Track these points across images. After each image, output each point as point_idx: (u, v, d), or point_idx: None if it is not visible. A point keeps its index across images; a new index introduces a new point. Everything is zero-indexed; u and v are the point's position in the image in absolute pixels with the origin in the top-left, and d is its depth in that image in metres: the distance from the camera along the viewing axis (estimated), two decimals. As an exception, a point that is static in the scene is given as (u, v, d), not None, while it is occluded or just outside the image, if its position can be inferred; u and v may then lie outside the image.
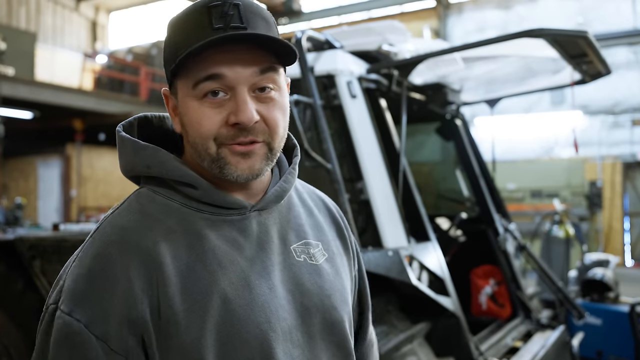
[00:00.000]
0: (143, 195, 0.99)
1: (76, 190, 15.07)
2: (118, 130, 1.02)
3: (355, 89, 2.98)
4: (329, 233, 1.14)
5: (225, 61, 0.91)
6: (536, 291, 4.40)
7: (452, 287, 2.94)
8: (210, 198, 0.97)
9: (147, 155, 0.98)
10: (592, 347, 4.53)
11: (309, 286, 1.02)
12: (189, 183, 0.96)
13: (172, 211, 0.96)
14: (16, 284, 3.67)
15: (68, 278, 0.90)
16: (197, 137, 0.94)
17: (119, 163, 1.03)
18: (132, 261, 0.89)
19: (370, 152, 2.93)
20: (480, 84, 4.00)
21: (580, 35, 2.84)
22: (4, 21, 15.95)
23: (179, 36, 0.94)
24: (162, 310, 0.87)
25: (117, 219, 0.95)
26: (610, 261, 5.64)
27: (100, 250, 0.90)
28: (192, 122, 0.94)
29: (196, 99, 0.93)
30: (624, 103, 12.40)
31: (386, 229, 2.78)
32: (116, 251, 0.89)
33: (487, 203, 4.03)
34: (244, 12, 0.92)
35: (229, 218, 0.98)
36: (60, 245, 3.58)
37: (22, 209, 11.94)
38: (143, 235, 0.92)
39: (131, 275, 0.88)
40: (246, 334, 0.91)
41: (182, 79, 0.94)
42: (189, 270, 0.91)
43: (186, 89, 0.94)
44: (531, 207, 11.27)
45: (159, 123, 1.09)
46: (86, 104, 13.15)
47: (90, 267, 0.89)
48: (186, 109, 0.95)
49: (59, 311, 0.87)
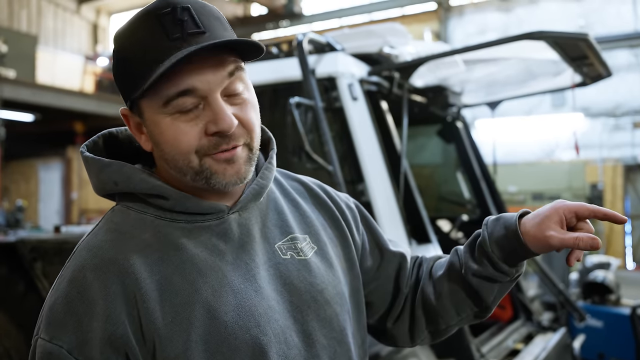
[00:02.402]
0: (117, 212, 0.97)
1: (77, 192, 15.08)
2: (82, 151, 0.99)
3: (357, 92, 2.98)
4: (317, 221, 1.11)
5: (194, 72, 0.86)
6: (537, 293, 4.39)
7: (453, 289, 2.94)
8: (183, 206, 0.94)
9: (112, 172, 0.95)
10: (593, 349, 4.52)
11: (298, 284, 0.99)
12: (158, 194, 0.93)
13: (146, 225, 0.93)
14: (17, 286, 3.67)
15: (46, 306, 0.89)
16: (176, 153, 0.90)
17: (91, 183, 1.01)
18: (107, 280, 0.86)
19: (371, 154, 2.93)
20: (481, 86, 4.00)
21: (581, 37, 2.84)
22: (5, 24, 15.97)
23: (135, 51, 0.88)
24: (144, 327, 0.85)
25: (92, 241, 0.93)
26: (611, 264, 5.63)
27: (75, 274, 0.88)
28: (167, 140, 0.90)
29: (168, 115, 0.89)
30: (625, 105, 12.40)
31: (387, 230, 2.78)
32: (91, 273, 0.87)
33: (488, 205, 4.02)
34: (197, 15, 0.88)
35: (206, 224, 0.95)
36: (61, 247, 3.59)
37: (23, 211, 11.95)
38: (117, 252, 0.89)
39: (109, 294, 0.85)
40: (235, 341, 0.88)
41: (148, 98, 0.89)
42: (167, 282, 0.88)
43: (155, 107, 0.89)
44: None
45: (126, 138, 1.05)
46: (87, 106, 13.17)
47: (66, 292, 0.87)
48: (157, 127, 0.90)
49: (40, 340, 0.85)
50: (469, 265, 1.10)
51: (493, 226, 1.08)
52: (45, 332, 0.85)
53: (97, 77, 16.33)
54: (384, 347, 2.52)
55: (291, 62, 3.06)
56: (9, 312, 3.62)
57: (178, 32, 0.86)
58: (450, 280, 1.14)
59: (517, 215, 1.07)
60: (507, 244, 1.04)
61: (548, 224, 1.00)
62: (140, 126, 0.95)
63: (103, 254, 0.89)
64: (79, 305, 0.85)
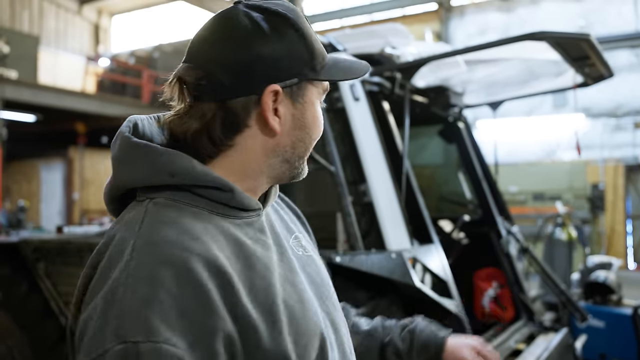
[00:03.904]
0: (164, 205, 0.88)
1: (79, 193, 15.09)
2: (127, 137, 0.92)
3: (358, 92, 2.99)
4: (300, 225, 1.18)
5: None
6: (539, 294, 4.39)
7: (455, 289, 2.95)
8: (239, 201, 0.93)
9: (169, 162, 0.89)
10: (595, 349, 4.52)
11: (315, 277, 1.04)
12: (217, 187, 0.90)
13: (204, 219, 0.89)
14: (20, 286, 3.68)
15: (129, 308, 0.76)
16: (316, 137, 1.01)
17: (120, 175, 0.93)
18: (199, 274, 0.80)
19: (373, 155, 2.93)
20: (482, 86, 4.00)
21: (583, 38, 2.85)
22: (7, 25, 16.00)
23: (314, 37, 0.97)
24: (240, 320, 0.82)
25: (153, 236, 0.83)
26: (612, 264, 5.63)
27: (158, 270, 0.79)
28: (319, 124, 1.00)
29: (318, 102, 1.00)
30: (626, 106, 12.40)
31: (389, 231, 2.78)
32: (176, 268, 0.79)
33: (490, 206, 4.03)
34: None
35: (249, 220, 0.95)
36: (64, 247, 3.59)
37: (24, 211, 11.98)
38: (199, 245, 0.83)
39: (205, 288, 0.79)
40: (308, 331, 0.91)
41: (315, 85, 0.98)
42: (245, 278, 0.86)
43: (316, 94, 0.99)
44: (534, 210, 11.25)
45: (141, 127, 0.98)
46: (89, 107, 13.19)
47: (159, 288, 0.77)
48: (315, 111, 0.99)
49: (148, 344, 0.73)
50: (393, 341, 1.39)
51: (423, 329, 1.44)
52: (146, 334, 0.74)
53: (99, 78, 16.34)
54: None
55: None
56: (12, 312, 3.63)
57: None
58: (368, 341, 1.38)
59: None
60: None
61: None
62: (277, 109, 0.93)
63: (187, 246, 0.82)
64: (182, 299, 0.77)
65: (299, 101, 0.95)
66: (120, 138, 0.93)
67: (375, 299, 2.76)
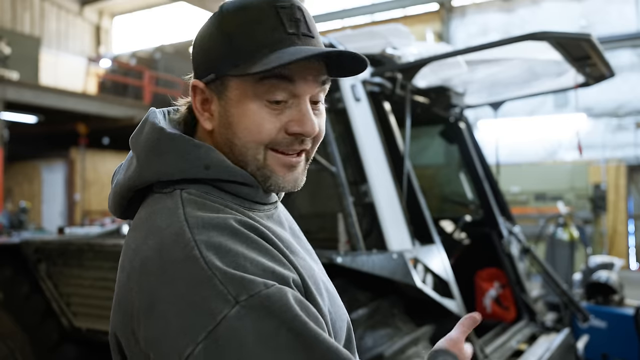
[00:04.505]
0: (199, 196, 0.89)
1: (80, 194, 15.10)
2: (162, 127, 0.92)
3: (359, 93, 2.99)
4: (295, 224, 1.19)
5: (301, 68, 0.88)
6: (541, 294, 4.39)
7: (456, 289, 2.94)
8: (262, 196, 0.95)
9: (204, 154, 0.90)
10: (597, 350, 4.52)
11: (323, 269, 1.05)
12: (244, 182, 0.92)
13: (234, 212, 0.89)
14: (22, 287, 3.68)
15: (217, 274, 0.75)
16: (250, 141, 0.89)
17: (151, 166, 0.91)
18: (262, 242, 0.84)
19: (374, 155, 2.93)
20: (483, 86, 4.00)
21: (584, 38, 2.84)
22: (8, 26, 16.02)
23: (245, 30, 0.88)
24: (304, 286, 0.85)
25: (206, 215, 0.85)
26: (614, 264, 5.62)
27: (226, 225, 0.83)
28: (247, 125, 0.89)
29: (257, 99, 0.88)
30: (628, 105, 12.38)
31: (391, 231, 2.78)
32: (242, 227, 0.84)
33: (491, 206, 4.03)
34: (308, 18, 0.91)
35: (269, 213, 0.98)
36: (65, 248, 3.60)
37: (26, 212, 11.99)
38: (254, 223, 0.88)
39: (270, 249, 0.84)
40: (340, 314, 0.94)
41: (243, 78, 0.88)
42: (287, 251, 0.89)
43: (246, 86, 0.88)
44: (535, 210, 11.25)
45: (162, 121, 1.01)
46: (90, 108, 13.20)
47: (236, 246, 0.80)
48: (241, 109, 0.89)
49: (253, 298, 0.74)
50: None
51: None
52: (251, 285, 0.75)
53: (100, 79, 16.36)
54: (388, 347, 2.53)
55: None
56: (14, 313, 3.63)
57: (294, 28, 0.88)
58: None
59: None
60: None
61: None
62: (208, 103, 0.93)
63: (237, 219, 0.86)
64: (254, 252, 0.81)
65: (223, 98, 0.91)
66: (152, 129, 0.93)
67: (377, 299, 2.76)
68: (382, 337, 2.61)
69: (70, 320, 3.49)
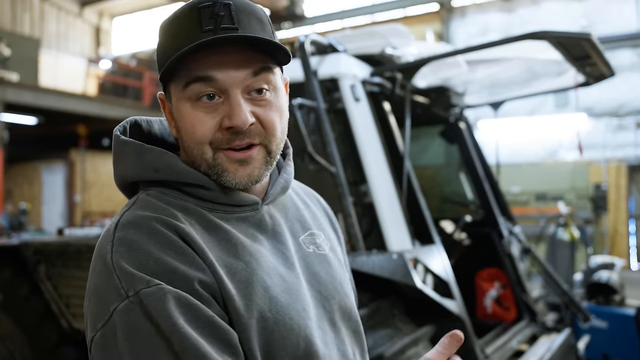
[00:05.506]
0: (153, 197, 0.94)
1: (80, 195, 15.11)
2: (117, 135, 0.98)
3: (359, 93, 2.98)
4: (324, 223, 1.16)
5: (215, 64, 0.89)
6: (541, 294, 4.39)
7: (457, 290, 2.94)
8: (225, 198, 0.95)
9: (154, 158, 0.94)
10: (598, 350, 4.51)
11: (323, 275, 1.03)
12: (200, 185, 0.94)
13: (190, 211, 0.93)
14: (21, 289, 3.67)
15: (118, 269, 0.81)
16: (192, 142, 0.92)
17: (116, 170, 0.99)
18: (179, 241, 0.86)
19: (374, 155, 2.92)
20: (483, 86, 3.99)
21: (584, 37, 2.84)
22: (8, 27, 16.03)
23: (169, 39, 0.92)
24: (220, 288, 0.85)
25: (139, 213, 0.89)
26: (615, 264, 5.61)
27: (145, 224, 0.86)
28: (186, 126, 0.92)
29: (189, 101, 0.91)
30: (628, 105, 12.38)
31: (390, 232, 2.77)
32: (162, 227, 0.86)
33: (492, 206, 4.02)
34: (236, 12, 0.90)
35: (243, 215, 0.97)
36: (64, 250, 3.59)
37: (26, 214, 12.00)
38: (165, 214, 0.89)
39: (184, 247, 0.85)
40: (290, 321, 0.90)
41: (174, 82, 0.92)
42: (225, 262, 0.89)
43: (178, 92, 0.92)
44: (536, 210, 11.24)
45: (147, 127, 1.05)
46: (90, 109, 13.21)
47: (141, 244, 0.84)
48: (179, 112, 0.93)
49: (137, 295, 0.79)
50: None
51: None
52: (138, 282, 0.79)
53: (100, 80, 16.37)
54: (388, 347, 2.52)
55: (293, 64, 3.06)
56: (13, 315, 3.63)
57: (211, 25, 0.88)
58: None
59: None
60: None
61: None
62: (172, 112, 0.96)
63: (166, 218, 0.88)
64: (163, 251, 0.83)
65: (170, 105, 0.96)
66: (113, 137, 0.99)
67: (377, 300, 2.75)
68: (382, 337, 2.60)
69: (70, 322, 3.49)
